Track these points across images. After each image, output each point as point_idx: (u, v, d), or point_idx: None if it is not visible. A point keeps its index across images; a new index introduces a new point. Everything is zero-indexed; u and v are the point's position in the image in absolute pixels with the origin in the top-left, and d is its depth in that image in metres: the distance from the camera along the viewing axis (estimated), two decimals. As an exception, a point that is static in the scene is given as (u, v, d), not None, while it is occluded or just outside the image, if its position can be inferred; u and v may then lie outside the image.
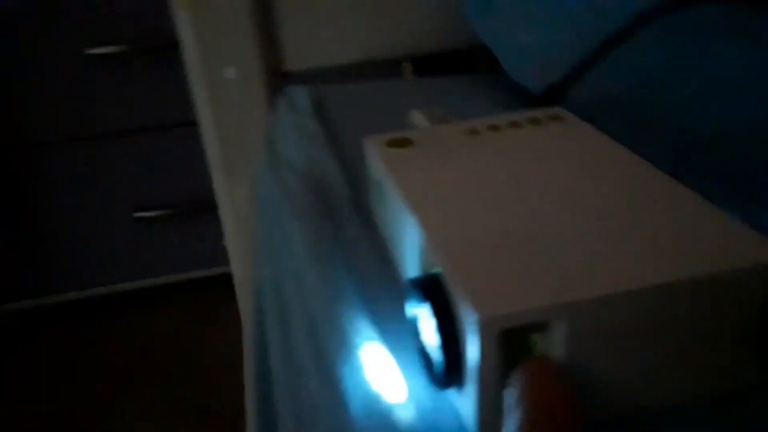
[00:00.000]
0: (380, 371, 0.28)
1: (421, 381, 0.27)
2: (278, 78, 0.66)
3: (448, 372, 0.25)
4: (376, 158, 0.34)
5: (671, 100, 0.38)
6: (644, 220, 0.26)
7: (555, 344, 0.23)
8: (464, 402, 0.25)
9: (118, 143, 1.13)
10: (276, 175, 0.47)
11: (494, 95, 0.54)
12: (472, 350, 0.23)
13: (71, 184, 1.14)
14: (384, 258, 0.34)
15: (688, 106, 0.37)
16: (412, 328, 0.27)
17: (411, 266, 0.29)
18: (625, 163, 0.31)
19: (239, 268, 0.76)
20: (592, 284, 0.22)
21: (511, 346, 0.23)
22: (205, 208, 1.14)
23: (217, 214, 0.80)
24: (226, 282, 0.98)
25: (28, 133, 1.10)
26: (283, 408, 0.35)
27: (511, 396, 0.22)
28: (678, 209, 0.27)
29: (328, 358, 0.30)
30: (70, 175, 1.14)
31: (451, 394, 0.26)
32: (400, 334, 0.30)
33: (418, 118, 0.40)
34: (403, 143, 0.35)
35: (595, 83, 0.43)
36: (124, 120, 1.12)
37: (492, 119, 0.36)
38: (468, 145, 0.34)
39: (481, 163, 0.32)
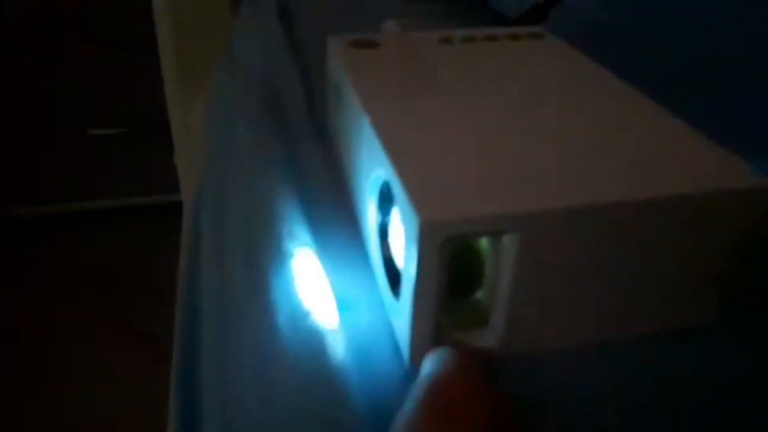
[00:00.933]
0: (310, 283, 0.26)
1: (353, 295, 0.25)
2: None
3: (390, 283, 0.23)
4: (336, 57, 0.31)
5: (654, 30, 0.35)
6: (615, 138, 0.24)
7: (504, 263, 0.21)
8: (399, 319, 0.23)
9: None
10: (232, 79, 0.44)
11: (473, 19, 0.51)
12: (411, 260, 0.20)
13: (36, 89, 1.07)
14: (333, 169, 0.32)
15: (670, 37, 0.34)
16: (380, 234, 0.25)
17: (363, 173, 0.27)
18: (603, 83, 0.28)
19: (187, 188, 0.72)
20: (548, 196, 0.20)
21: (461, 261, 0.20)
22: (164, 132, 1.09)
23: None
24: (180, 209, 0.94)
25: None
26: (207, 318, 0.32)
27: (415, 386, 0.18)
28: (654, 130, 0.25)
29: (260, 263, 0.28)
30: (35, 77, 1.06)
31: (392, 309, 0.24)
32: (335, 244, 0.27)
33: (390, 26, 0.37)
34: (368, 45, 0.31)
35: (576, 6, 0.40)
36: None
37: (468, 31, 0.33)
38: (438, 53, 0.31)
39: (448, 71, 0.29)
